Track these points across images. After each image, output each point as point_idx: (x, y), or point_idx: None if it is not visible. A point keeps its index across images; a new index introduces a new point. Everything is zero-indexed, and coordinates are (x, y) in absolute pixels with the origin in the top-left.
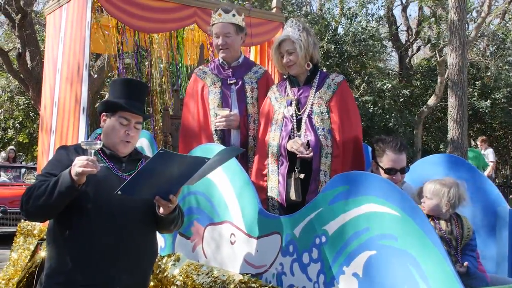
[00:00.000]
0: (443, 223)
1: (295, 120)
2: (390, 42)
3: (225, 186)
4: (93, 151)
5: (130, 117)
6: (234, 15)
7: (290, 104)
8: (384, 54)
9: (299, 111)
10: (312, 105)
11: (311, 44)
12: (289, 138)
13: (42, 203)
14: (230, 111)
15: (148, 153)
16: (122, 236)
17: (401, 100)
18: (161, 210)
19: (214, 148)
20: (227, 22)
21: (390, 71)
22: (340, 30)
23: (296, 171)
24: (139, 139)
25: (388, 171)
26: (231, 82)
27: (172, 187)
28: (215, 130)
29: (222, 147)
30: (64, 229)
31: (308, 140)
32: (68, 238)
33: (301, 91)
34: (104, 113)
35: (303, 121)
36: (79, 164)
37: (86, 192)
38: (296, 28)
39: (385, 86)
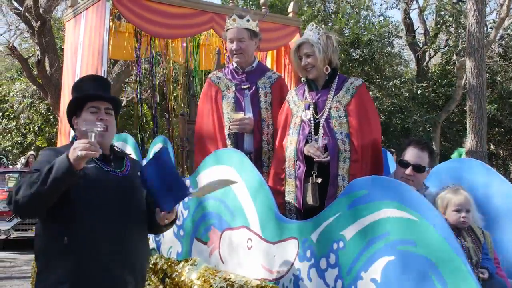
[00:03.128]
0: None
1: (312, 124)
2: (407, 46)
3: (241, 191)
4: (93, 134)
5: (97, 104)
6: (248, 21)
7: (308, 108)
8: (398, 57)
9: (317, 115)
10: (330, 109)
11: (330, 47)
12: (307, 142)
13: (35, 191)
14: (244, 115)
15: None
16: (123, 238)
17: (419, 94)
18: (162, 219)
19: (229, 154)
20: (241, 27)
21: (406, 74)
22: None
23: (314, 176)
24: (154, 144)
25: (401, 163)
26: (245, 87)
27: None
28: (228, 134)
29: (238, 152)
30: (60, 237)
31: (325, 144)
32: (68, 246)
33: (319, 94)
34: (73, 118)
35: (321, 125)
36: (80, 148)
37: (82, 197)
38: (316, 31)
39: (401, 81)
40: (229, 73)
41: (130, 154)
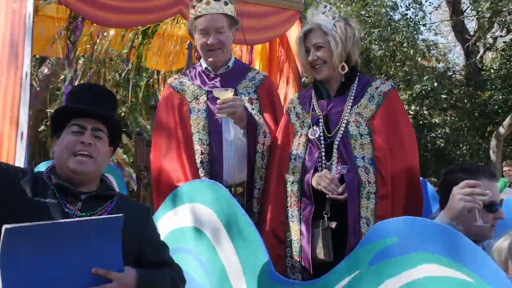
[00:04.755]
0: None
1: (323, 146)
2: (452, 33)
3: (220, 240)
4: None
5: (84, 121)
6: (226, 3)
7: (317, 123)
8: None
9: (329, 133)
10: (347, 124)
11: (349, 38)
12: (316, 170)
13: None
14: (221, 135)
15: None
16: None
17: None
18: None
19: (201, 188)
20: (218, 13)
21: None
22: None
23: (325, 218)
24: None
25: (490, 206)
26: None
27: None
28: (201, 161)
29: (215, 184)
30: None
31: (341, 174)
32: None
33: (331, 104)
34: (53, 139)
35: (335, 146)
36: None
37: None
38: (330, 15)
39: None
40: (197, 77)
41: (122, 195)
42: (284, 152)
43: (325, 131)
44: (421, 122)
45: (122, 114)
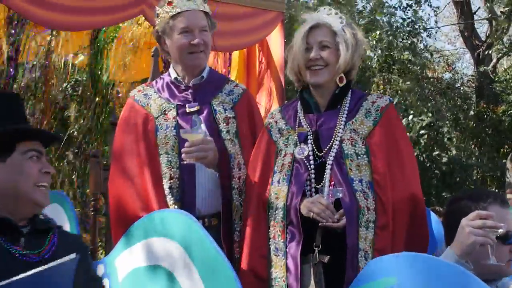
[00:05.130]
0: None
1: (312, 166)
2: (460, 38)
3: (190, 281)
4: None
5: (37, 146)
6: (205, 0)
7: (305, 140)
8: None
9: (319, 152)
10: (341, 142)
11: (358, 48)
12: (303, 195)
13: None
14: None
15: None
16: None
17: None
18: None
19: (169, 220)
20: (200, 10)
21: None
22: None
23: (316, 251)
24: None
25: (505, 238)
26: (192, 109)
27: None
28: (170, 187)
29: (185, 215)
30: None
31: (335, 199)
32: None
33: (322, 119)
34: None
35: (328, 167)
36: None
37: None
38: (338, 19)
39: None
40: (164, 89)
41: (60, 227)
42: (264, 174)
43: (315, 150)
44: (422, 141)
45: (75, 133)
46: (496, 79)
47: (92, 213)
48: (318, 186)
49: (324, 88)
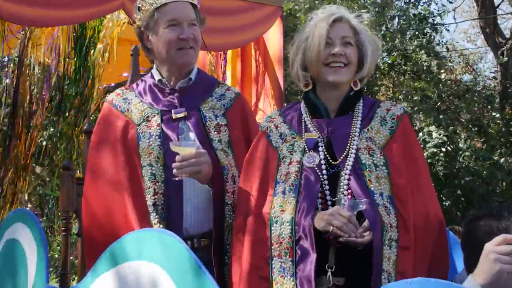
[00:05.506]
0: None
1: (325, 176)
2: (481, 36)
3: None
4: None
5: None
6: None
7: (315, 147)
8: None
9: (334, 160)
10: (357, 150)
11: (378, 50)
12: (316, 208)
13: None
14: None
15: (29, 252)
16: None
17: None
18: None
19: (151, 240)
20: (187, 1)
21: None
22: None
23: (329, 273)
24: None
25: None
26: (179, 115)
27: None
28: (154, 203)
29: (171, 236)
30: None
31: (360, 211)
32: None
33: (333, 125)
34: None
35: (344, 177)
36: None
37: None
38: (356, 16)
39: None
40: (147, 92)
41: None
42: (263, 184)
43: (328, 158)
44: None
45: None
46: None
47: (63, 234)
48: (334, 199)
49: (336, 91)
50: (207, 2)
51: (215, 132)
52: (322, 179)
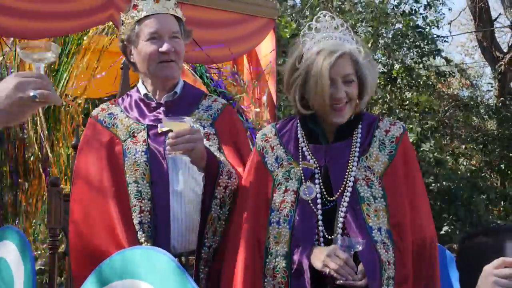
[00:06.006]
0: None
1: (320, 212)
2: (478, 50)
3: None
4: (42, 65)
5: None
6: (176, 5)
7: (311, 177)
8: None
9: (330, 195)
10: (355, 181)
11: (375, 69)
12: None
13: None
14: (168, 186)
15: (16, 270)
16: None
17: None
18: None
19: (141, 258)
20: (170, 14)
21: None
22: None
23: None
24: None
25: None
26: (164, 129)
27: None
28: (140, 221)
29: (161, 253)
30: None
31: (355, 252)
32: None
33: (331, 152)
34: None
35: (340, 214)
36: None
37: None
38: (347, 33)
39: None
40: (133, 107)
41: None
42: (258, 210)
43: (324, 192)
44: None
45: (31, 157)
46: None
47: (49, 252)
48: (330, 237)
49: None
50: (199, 14)
51: (205, 140)
52: (317, 214)
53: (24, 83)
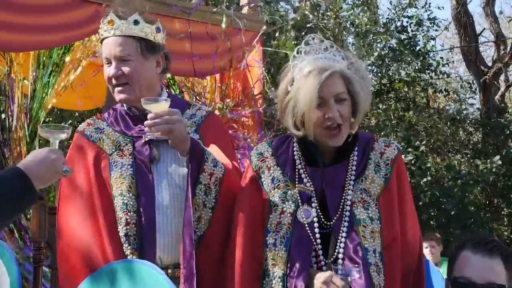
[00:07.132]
0: None
1: (318, 235)
2: (463, 63)
3: None
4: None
5: None
6: (137, 23)
7: (308, 201)
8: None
9: (327, 219)
10: (352, 205)
11: (368, 87)
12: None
13: None
14: (154, 198)
15: (2, 283)
16: None
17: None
18: None
19: (129, 271)
20: (124, 35)
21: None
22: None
23: None
24: None
25: (458, 284)
26: (148, 138)
27: None
28: (126, 233)
29: (148, 265)
30: None
31: (352, 280)
32: None
33: (327, 175)
34: None
35: (340, 240)
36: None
37: None
38: (337, 54)
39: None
40: (119, 121)
41: None
42: (254, 232)
43: (321, 217)
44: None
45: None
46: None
47: (34, 265)
48: (327, 261)
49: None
50: (184, 27)
51: None
52: (315, 237)
53: (60, 160)
